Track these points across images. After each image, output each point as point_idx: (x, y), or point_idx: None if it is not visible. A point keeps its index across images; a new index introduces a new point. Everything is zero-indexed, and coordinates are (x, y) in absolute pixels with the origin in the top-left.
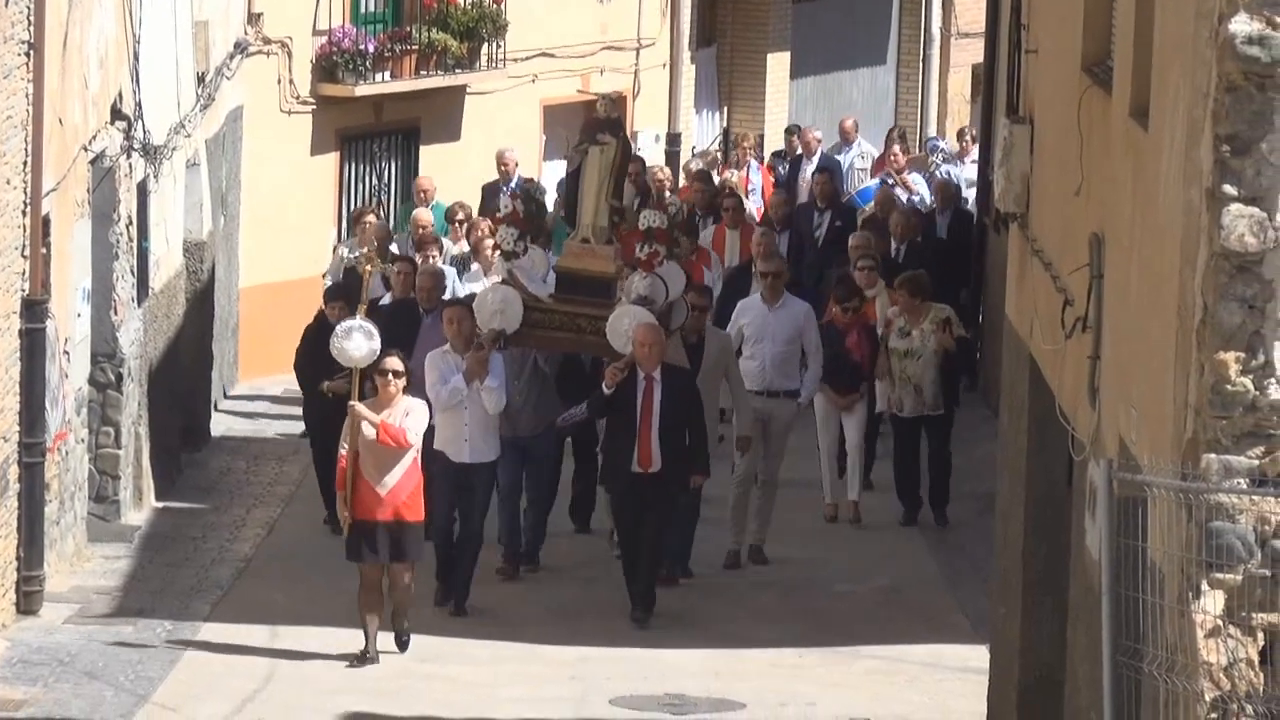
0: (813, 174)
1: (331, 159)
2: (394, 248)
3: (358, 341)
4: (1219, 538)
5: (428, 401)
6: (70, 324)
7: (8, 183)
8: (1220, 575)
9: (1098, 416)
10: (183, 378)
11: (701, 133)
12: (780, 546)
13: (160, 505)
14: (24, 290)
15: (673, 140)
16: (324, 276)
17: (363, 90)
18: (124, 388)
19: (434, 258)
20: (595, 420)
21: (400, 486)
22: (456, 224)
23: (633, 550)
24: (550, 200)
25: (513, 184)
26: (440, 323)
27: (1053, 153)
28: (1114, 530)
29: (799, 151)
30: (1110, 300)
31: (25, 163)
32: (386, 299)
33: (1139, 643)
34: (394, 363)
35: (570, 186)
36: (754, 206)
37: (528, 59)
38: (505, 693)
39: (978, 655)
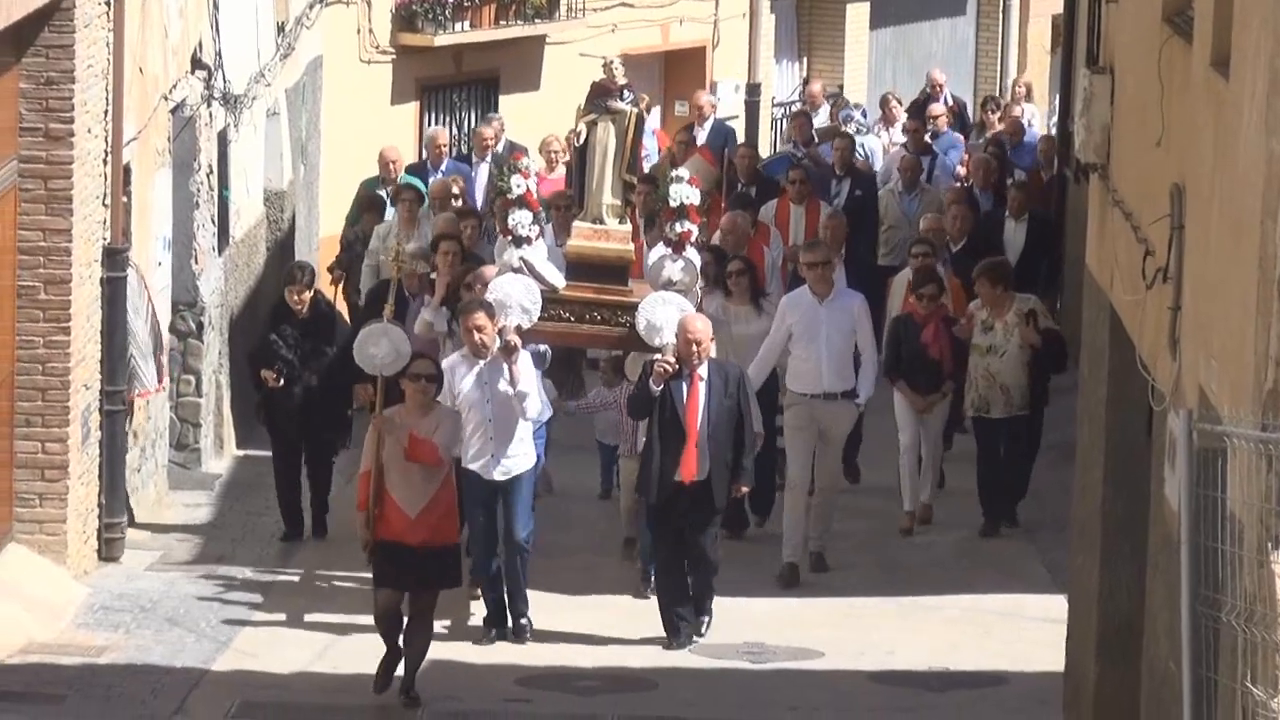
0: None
1: (411, 109)
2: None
3: (385, 347)
4: None
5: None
6: (151, 273)
7: (89, 131)
8: None
9: (1178, 367)
10: (263, 326)
11: (781, 83)
12: (859, 498)
13: (241, 453)
14: (105, 239)
15: (752, 90)
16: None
17: (442, 40)
18: (205, 336)
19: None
20: (636, 421)
21: (431, 507)
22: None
23: (672, 569)
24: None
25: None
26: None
27: (1133, 103)
28: (1193, 481)
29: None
30: (1191, 251)
31: (106, 112)
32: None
33: (1217, 592)
34: (427, 367)
35: (578, 161)
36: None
37: (607, 9)
38: (583, 643)
39: (1056, 605)
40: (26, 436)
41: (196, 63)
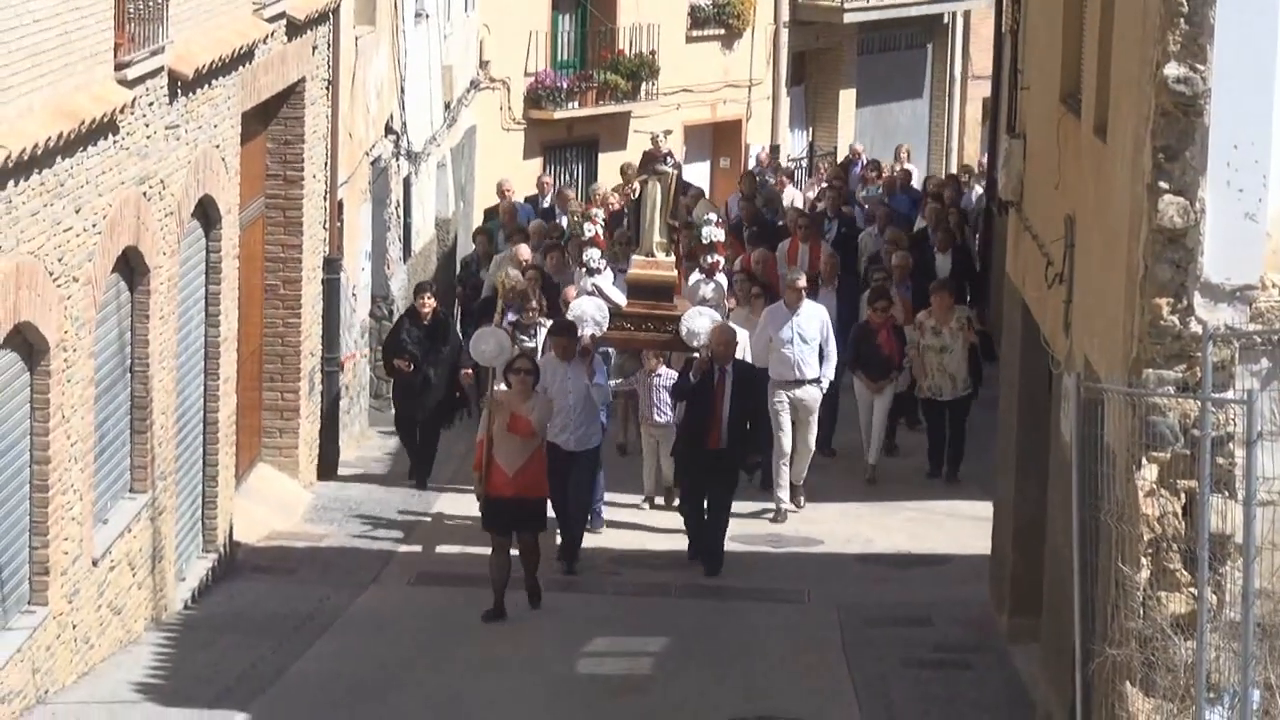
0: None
1: (537, 162)
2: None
3: (493, 345)
4: (1154, 427)
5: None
6: (356, 275)
7: (314, 177)
8: (1155, 454)
9: (1070, 343)
10: (395, 326)
11: (794, 145)
12: (845, 453)
13: None
14: (325, 252)
15: (774, 151)
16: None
17: (559, 115)
18: (394, 319)
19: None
20: (675, 401)
21: (525, 469)
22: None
23: (696, 514)
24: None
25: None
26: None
27: (1039, 158)
28: (1081, 422)
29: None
30: (1079, 261)
31: (326, 164)
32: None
33: (1097, 499)
34: (526, 363)
35: (634, 211)
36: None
37: (673, 94)
38: (628, 534)
39: (984, 509)
40: (270, 389)
41: (388, 129)
